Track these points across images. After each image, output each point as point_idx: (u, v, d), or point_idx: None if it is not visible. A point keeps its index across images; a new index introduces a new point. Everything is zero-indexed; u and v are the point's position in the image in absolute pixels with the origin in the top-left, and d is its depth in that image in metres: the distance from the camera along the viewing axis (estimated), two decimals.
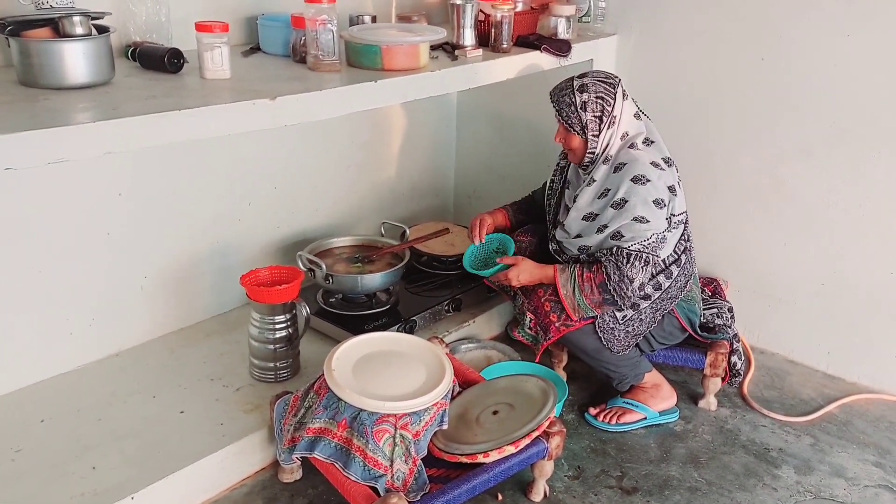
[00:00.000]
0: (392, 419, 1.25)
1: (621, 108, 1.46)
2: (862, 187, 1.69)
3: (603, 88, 1.45)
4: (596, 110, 1.44)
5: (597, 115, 1.45)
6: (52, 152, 0.98)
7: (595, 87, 1.45)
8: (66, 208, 1.45)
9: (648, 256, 1.42)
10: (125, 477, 1.25)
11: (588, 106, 1.44)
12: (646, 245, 1.42)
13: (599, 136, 1.46)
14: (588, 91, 1.44)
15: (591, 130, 1.46)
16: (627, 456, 1.53)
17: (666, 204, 1.43)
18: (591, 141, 1.46)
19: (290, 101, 1.22)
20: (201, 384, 1.52)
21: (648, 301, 1.50)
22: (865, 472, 1.51)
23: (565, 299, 1.47)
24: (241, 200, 1.75)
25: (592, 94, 1.44)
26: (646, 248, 1.42)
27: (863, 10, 1.58)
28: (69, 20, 1.16)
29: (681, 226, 1.49)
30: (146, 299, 1.63)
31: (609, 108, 1.45)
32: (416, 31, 1.51)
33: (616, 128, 1.46)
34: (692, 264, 1.58)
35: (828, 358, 1.84)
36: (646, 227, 1.41)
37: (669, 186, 1.45)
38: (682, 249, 1.52)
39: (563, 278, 1.47)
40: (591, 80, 1.46)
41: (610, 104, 1.45)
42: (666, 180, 1.45)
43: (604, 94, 1.45)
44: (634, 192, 1.41)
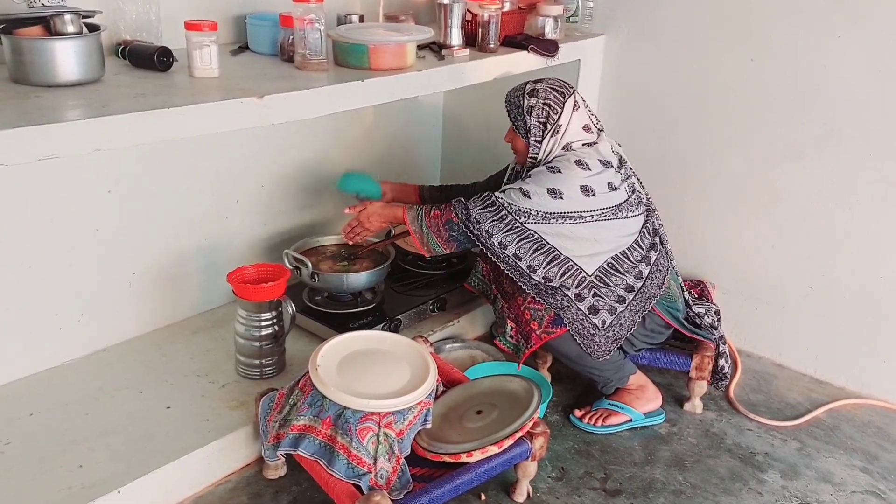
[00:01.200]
0: (376, 417, 1.26)
1: (569, 117, 1.46)
2: (851, 190, 1.69)
3: (553, 96, 1.46)
4: (541, 116, 1.45)
5: (541, 121, 1.46)
6: (41, 149, 1.00)
7: (545, 94, 1.46)
8: (55, 204, 1.46)
9: (506, 215, 1.40)
10: (112, 471, 1.26)
11: (534, 111, 1.45)
12: (511, 206, 1.40)
13: (542, 143, 1.47)
14: (537, 96, 1.46)
15: (533, 135, 1.47)
16: (611, 458, 1.53)
17: (562, 197, 1.40)
18: (532, 146, 1.48)
19: (277, 99, 1.23)
20: (188, 380, 1.53)
21: (624, 304, 1.50)
22: (852, 477, 1.51)
23: (415, 236, 1.48)
24: (229, 198, 1.76)
25: (541, 99, 1.46)
26: (508, 207, 1.40)
27: (853, 12, 1.58)
28: (60, 18, 1.18)
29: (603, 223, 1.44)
30: (134, 296, 1.64)
31: (555, 116, 1.45)
32: (404, 30, 1.52)
33: (559, 136, 1.46)
34: (666, 259, 1.57)
35: (815, 362, 1.84)
36: (524, 200, 1.40)
37: (582, 186, 1.42)
38: (648, 245, 1.51)
39: (411, 216, 1.49)
40: (544, 87, 1.47)
41: (557, 112, 1.45)
42: (583, 180, 1.42)
43: (552, 102, 1.46)
44: (537, 175, 1.43)
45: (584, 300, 1.48)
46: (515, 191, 1.42)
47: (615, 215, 1.46)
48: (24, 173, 1.37)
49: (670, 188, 1.67)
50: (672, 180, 1.89)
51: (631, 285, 1.49)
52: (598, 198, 1.43)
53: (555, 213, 1.41)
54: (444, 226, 1.45)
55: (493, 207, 1.42)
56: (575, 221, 1.42)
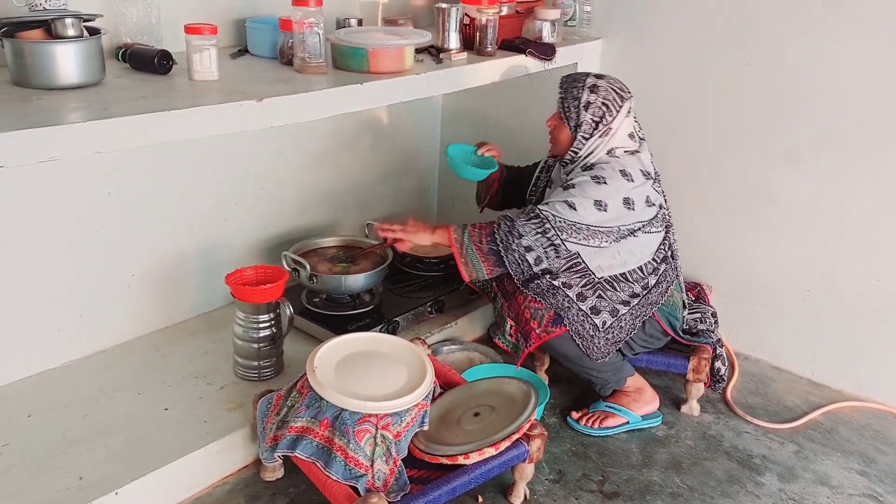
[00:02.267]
0: (373, 419, 1.26)
1: (621, 122, 1.46)
2: (849, 193, 1.69)
3: (612, 97, 1.44)
4: (596, 114, 1.44)
5: (595, 120, 1.44)
6: (43, 151, 1.00)
7: (605, 93, 1.44)
8: (55, 206, 1.47)
9: (549, 229, 1.38)
10: (110, 472, 1.26)
11: (591, 108, 1.44)
12: (556, 219, 1.39)
13: (588, 141, 1.46)
14: (597, 93, 1.44)
15: (583, 132, 1.45)
16: (609, 460, 1.53)
17: (608, 210, 1.40)
18: (578, 141, 1.46)
19: (276, 102, 1.24)
20: (186, 382, 1.53)
21: (627, 307, 1.51)
22: (850, 480, 1.51)
23: (457, 256, 1.46)
24: (228, 200, 1.77)
25: (601, 97, 1.44)
26: (552, 221, 1.39)
27: (850, 15, 1.59)
28: (61, 22, 1.19)
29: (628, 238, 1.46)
30: (133, 297, 1.65)
31: (609, 118, 1.44)
32: (402, 34, 1.53)
33: (607, 139, 1.46)
34: (675, 272, 1.59)
35: (813, 365, 1.84)
36: (570, 213, 1.39)
37: (626, 198, 1.42)
38: (661, 258, 1.53)
39: (457, 234, 1.48)
40: (605, 85, 1.45)
41: (612, 114, 1.44)
42: (628, 192, 1.42)
43: (611, 103, 1.44)
44: (582, 184, 1.42)
45: (587, 300, 1.48)
46: (560, 203, 1.40)
47: (645, 230, 1.47)
48: (26, 175, 1.38)
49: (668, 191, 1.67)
50: (670, 183, 1.89)
51: (636, 293, 1.50)
52: (636, 212, 1.43)
53: (596, 227, 1.41)
54: (487, 237, 1.43)
55: (536, 220, 1.40)
56: (611, 234, 1.42)
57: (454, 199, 2.32)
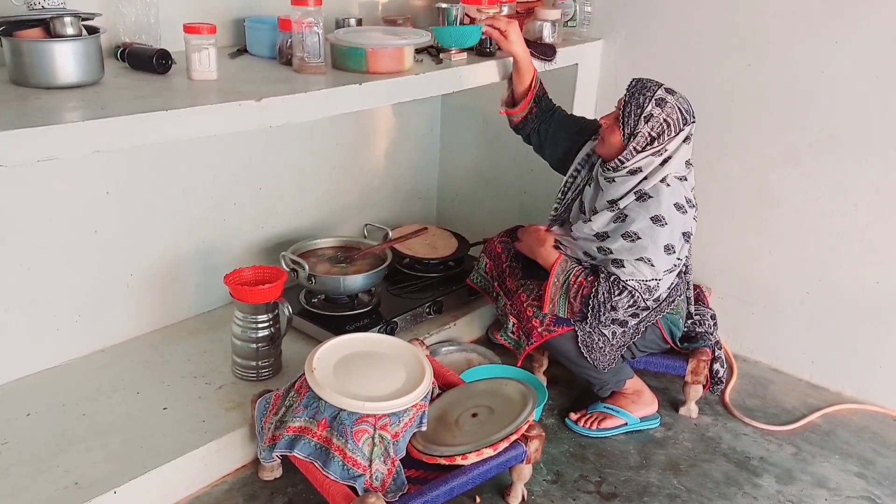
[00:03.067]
0: (371, 419, 1.26)
1: (677, 146, 1.39)
2: (849, 195, 1.69)
3: (676, 116, 1.37)
4: (655, 130, 1.37)
5: (652, 135, 1.37)
6: (41, 150, 1.00)
7: (671, 110, 1.37)
8: (54, 206, 1.47)
9: (638, 297, 1.40)
10: (108, 472, 1.27)
11: (652, 120, 1.36)
12: (640, 284, 1.39)
13: (638, 154, 1.39)
14: (663, 108, 1.36)
15: (636, 142, 1.38)
16: (607, 461, 1.53)
17: (676, 251, 1.40)
18: (629, 151, 1.39)
19: (275, 102, 1.24)
20: (184, 381, 1.53)
21: (637, 319, 1.50)
22: (848, 482, 1.51)
23: (550, 288, 1.44)
24: (227, 200, 1.77)
25: (665, 113, 1.37)
26: (639, 289, 1.40)
27: (851, 17, 1.59)
28: (60, 21, 1.18)
29: (679, 265, 1.46)
30: (132, 297, 1.65)
31: (666, 138, 1.38)
32: (402, 34, 1.53)
33: (658, 160, 1.39)
34: (685, 284, 1.58)
35: (812, 367, 1.84)
36: (649, 269, 1.39)
37: (684, 232, 1.41)
38: (676, 274, 1.51)
39: (561, 269, 1.45)
40: (673, 102, 1.37)
41: (670, 135, 1.38)
42: (684, 225, 1.41)
43: (673, 123, 1.37)
44: (650, 233, 1.38)
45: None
46: (636, 262, 1.38)
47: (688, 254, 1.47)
48: (24, 174, 1.38)
49: None
50: None
51: (648, 306, 1.48)
52: (690, 244, 1.44)
53: (667, 270, 1.41)
54: (583, 299, 1.41)
55: (627, 295, 1.39)
56: (674, 271, 1.43)
57: (454, 200, 2.32)
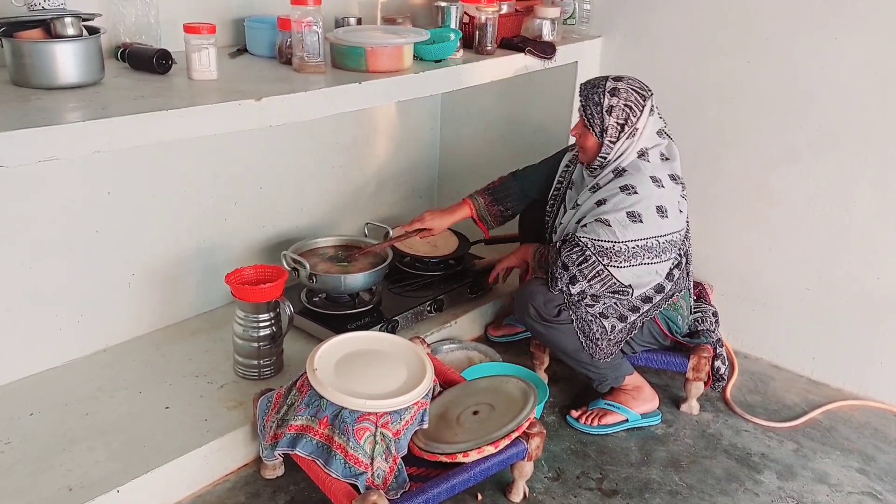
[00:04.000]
0: (373, 417, 1.26)
1: (646, 122, 1.43)
2: (848, 192, 1.69)
3: (634, 98, 1.42)
4: (620, 117, 1.41)
5: (620, 123, 1.41)
6: (41, 151, 1.01)
7: (626, 94, 1.42)
8: (55, 206, 1.47)
9: (591, 256, 1.38)
10: (111, 471, 1.27)
11: (614, 111, 1.41)
12: (595, 244, 1.38)
13: (616, 144, 1.43)
14: (619, 96, 1.41)
15: (609, 136, 1.42)
16: (608, 458, 1.53)
17: (643, 220, 1.38)
18: (606, 146, 1.43)
19: (275, 101, 1.24)
20: (186, 381, 1.54)
21: (637, 313, 1.51)
22: (849, 478, 1.51)
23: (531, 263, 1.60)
24: (228, 200, 1.77)
25: (622, 100, 1.41)
26: (593, 247, 1.38)
27: (851, 14, 1.58)
28: (60, 21, 1.19)
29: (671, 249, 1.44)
30: (133, 296, 1.65)
31: (634, 119, 1.41)
32: (401, 33, 1.53)
33: (635, 140, 1.42)
34: (686, 279, 1.58)
35: (812, 363, 1.84)
36: (605, 230, 1.38)
37: (658, 206, 1.40)
38: (675, 263, 1.51)
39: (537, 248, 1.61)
40: (625, 87, 1.42)
41: (636, 115, 1.41)
42: (660, 199, 1.40)
43: (633, 104, 1.42)
44: (614, 198, 1.41)
45: (596, 305, 1.48)
46: (593, 223, 1.39)
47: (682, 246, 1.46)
48: (25, 175, 1.38)
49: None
50: None
51: (649, 297, 1.49)
52: (670, 220, 1.41)
53: (634, 241, 1.38)
54: (543, 265, 1.52)
55: (577, 249, 1.40)
56: (652, 251, 1.40)
57: (454, 199, 2.29)
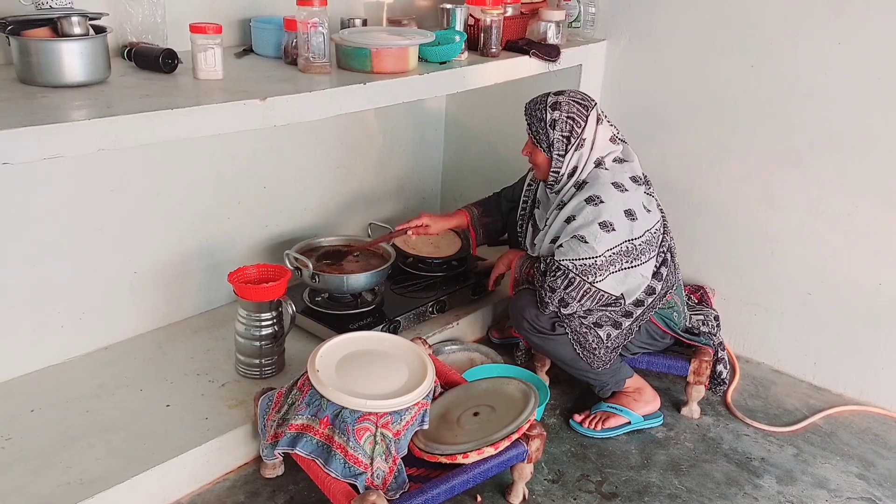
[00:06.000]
0: (373, 418, 1.26)
1: (593, 131, 1.45)
2: (850, 196, 1.69)
3: (576, 109, 1.44)
4: (564, 130, 1.44)
5: (564, 135, 1.44)
6: (47, 148, 1.01)
7: (568, 107, 1.44)
8: (59, 203, 1.48)
9: (575, 278, 1.40)
10: (111, 468, 1.27)
11: (557, 124, 1.44)
12: (577, 265, 1.40)
13: (565, 157, 1.45)
14: (560, 109, 1.44)
15: (556, 150, 1.45)
16: (608, 461, 1.53)
17: (616, 228, 1.40)
18: (555, 160, 1.46)
19: (280, 101, 1.25)
20: (187, 379, 1.54)
21: (631, 318, 1.51)
22: (848, 483, 1.51)
23: (513, 275, 1.58)
24: (231, 199, 1.78)
25: (564, 113, 1.44)
26: (575, 269, 1.40)
27: (854, 18, 1.59)
28: (67, 20, 1.20)
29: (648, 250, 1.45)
30: (135, 294, 1.65)
31: (578, 130, 1.44)
32: (406, 34, 1.54)
33: (585, 150, 1.45)
34: (674, 275, 1.58)
35: (814, 368, 1.84)
36: (583, 247, 1.40)
37: (627, 210, 1.42)
38: (660, 262, 1.52)
39: (520, 261, 1.58)
40: (566, 100, 1.45)
41: (580, 126, 1.44)
42: (626, 203, 1.42)
43: (575, 115, 1.44)
44: (583, 212, 1.42)
45: (589, 316, 1.49)
46: (570, 242, 1.40)
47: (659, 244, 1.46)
48: (30, 172, 1.39)
49: (671, 193, 1.68)
50: (672, 186, 1.89)
51: (641, 300, 1.50)
52: (640, 220, 1.43)
53: (611, 249, 1.39)
54: (528, 279, 1.52)
55: (560, 274, 1.40)
56: (629, 254, 1.41)
57: (457, 200, 2.32)
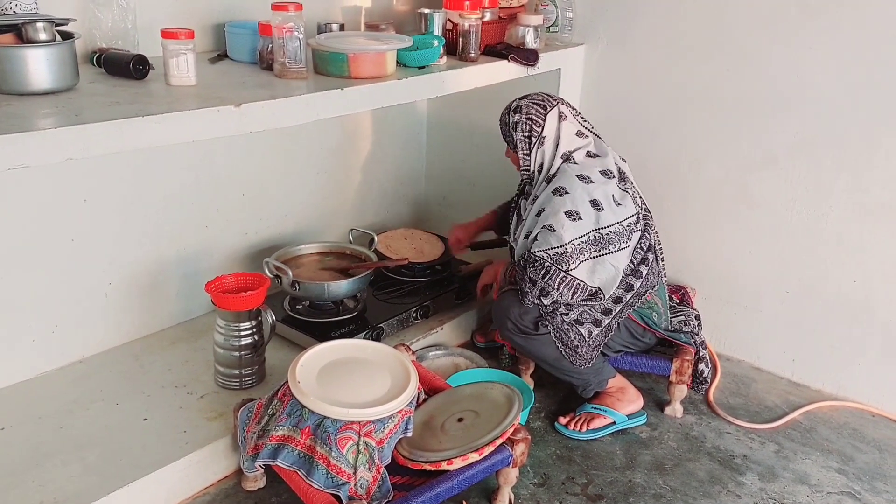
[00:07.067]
0: (356, 426, 1.25)
1: (554, 128, 1.52)
2: (825, 196, 1.72)
3: (535, 110, 1.53)
4: (525, 130, 1.53)
5: (525, 135, 1.53)
6: (12, 158, 0.98)
7: (527, 109, 1.53)
8: (29, 214, 1.44)
9: (551, 267, 1.44)
10: (85, 485, 1.24)
11: (518, 126, 1.53)
12: (550, 254, 1.44)
13: (530, 155, 1.54)
14: (521, 112, 1.53)
15: (521, 149, 1.54)
16: (593, 463, 1.53)
17: (580, 217, 1.44)
18: (522, 159, 1.55)
19: (255, 108, 1.23)
20: (165, 391, 1.51)
21: (610, 315, 1.53)
22: (828, 478, 1.53)
23: (499, 280, 1.65)
24: (209, 207, 1.75)
25: (524, 115, 1.53)
26: (549, 258, 1.44)
27: (825, 24, 1.62)
28: (32, 26, 1.16)
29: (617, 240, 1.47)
30: (110, 306, 1.62)
31: (538, 130, 1.52)
32: (384, 39, 1.53)
33: (547, 147, 1.52)
34: (657, 276, 1.60)
35: (793, 365, 1.87)
36: (553, 236, 1.44)
37: (592, 200, 1.46)
38: (639, 259, 1.54)
39: (505, 266, 1.65)
40: (527, 102, 1.54)
41: (539, 125, 1.52)
42: (591, 193, 1.46)
43: (534, 116, 1.53)
44: (550, 202, 1.47)
45: (570, 313, 1.50)
46: (541, 233, 1.46)
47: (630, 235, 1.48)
48: None
49: (650, 195, 1.70)
50: (652, 188, 1.91)
51: (619, 297, 1.52)
52: (607, 211, 1.46)
53: (579, 238, 1.43)
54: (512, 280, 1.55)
55: (537, 264, 1.45)
56: (597, 244, 1.45)
57: (440, 205, 2.32)
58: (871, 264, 1.70)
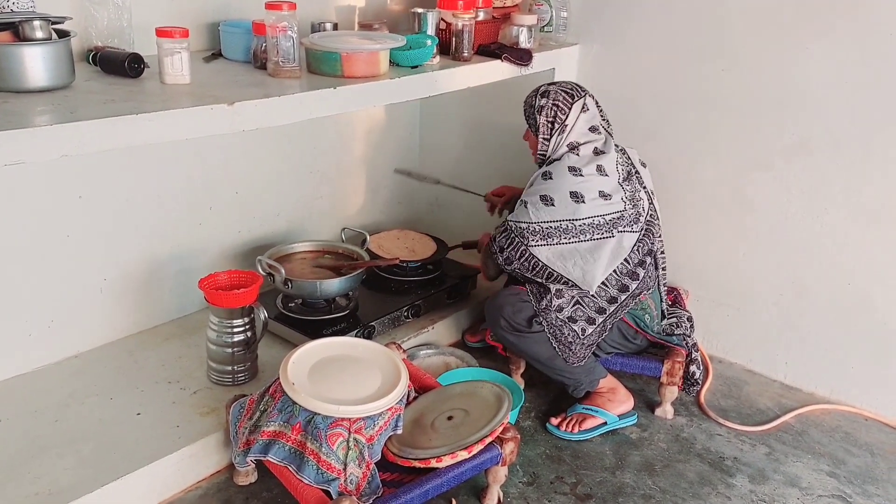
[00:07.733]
0: (346, 423, 1.26)
1: (576, 118, 1.55)
2: (819, 198, 1.72)
3: (562, 98, 1.56)
4: (549, 115, 1.56)
5: (549, 120, 1.56)
6: (8, 154, 0.99)
7: (555, 95, 1.57)
8: (25, 210, 1.45)
9: (515, 238, 1.50)
10: (80, 478, 1.25)
11: (544, 110, 1.56)
12: (516, 225, 1.50)
13: (550, 140, 1.57)
14: (548, 97, 1.57)
15: (542, 133, 1.57)
16: (583, 463, 1.54)
17: (554, 204, 1.48)
18: (541, 143, 1.58)
19: (248, 106, 1.24)
20: (159, 387, 1.52)
21: (604, 315, 1.54)
22: (819, 481, 1.53)
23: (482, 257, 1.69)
24: (203, 205, 1.76)
25: (551, 100, 1.56)
26: (515, 229, 1.50)
27: (821, 25, 1.62)
28: (29, 24, 1.17)
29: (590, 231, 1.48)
30: (105, 302, 1.63)
31: (563, 117, 1.55)
32: (377, 38, 1.53)
33: (565, 136, 1.55)
34: (653, 280, 1.60)
35: (785, 368, 1.87)
36: (524, 212, 1.50)
37: (572, 192, 1.49)
38: (637, 261, 1.54)
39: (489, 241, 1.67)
40: (555, 88, 1.58)
41: (564, 112, 1.55)
42: (575, 186, 1.49)
43: (560, 103, 1.56)
44: (535, 183, 1.54)
45: (563, 310, 1.51)
46: (519, 206, 1.53)
47: (611, 229, 1.49)
48: None
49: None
50: None
51: (614, 297, 1.53)
52: (588, 205, 1.48)
53: (547, 222, 1.48)
54: (487, 250, 1.62)
55: (505, 232, 1.53)
56: (569, 232, 1.47)
57: (432, 204, 2.32)
58: (865, 267, 1.70)
